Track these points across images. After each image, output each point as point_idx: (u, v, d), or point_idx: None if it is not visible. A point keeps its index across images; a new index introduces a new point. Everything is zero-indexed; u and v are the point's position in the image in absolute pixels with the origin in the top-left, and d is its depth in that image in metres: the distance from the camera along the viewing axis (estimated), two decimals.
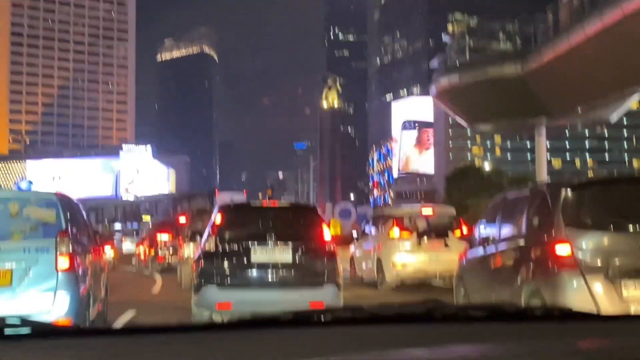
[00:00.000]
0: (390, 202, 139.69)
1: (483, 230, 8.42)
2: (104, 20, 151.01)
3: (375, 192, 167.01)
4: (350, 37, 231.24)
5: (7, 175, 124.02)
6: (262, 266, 8.42)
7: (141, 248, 23.75)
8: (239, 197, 36.91)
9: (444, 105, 35.43)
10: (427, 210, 14.95)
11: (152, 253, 22.08)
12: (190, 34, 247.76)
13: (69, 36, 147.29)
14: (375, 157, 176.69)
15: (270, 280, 8.42)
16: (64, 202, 7.05)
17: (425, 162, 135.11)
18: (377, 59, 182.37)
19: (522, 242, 6.99)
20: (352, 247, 17.43)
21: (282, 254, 8.47)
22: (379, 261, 14.40)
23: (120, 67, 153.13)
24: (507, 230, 7.52)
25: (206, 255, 8.54)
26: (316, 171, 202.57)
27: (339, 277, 8.73)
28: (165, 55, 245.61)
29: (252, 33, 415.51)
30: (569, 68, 25.68)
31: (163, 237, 21.61)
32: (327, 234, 8.99)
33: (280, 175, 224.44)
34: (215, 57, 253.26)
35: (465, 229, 13.95)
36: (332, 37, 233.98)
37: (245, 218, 9.09)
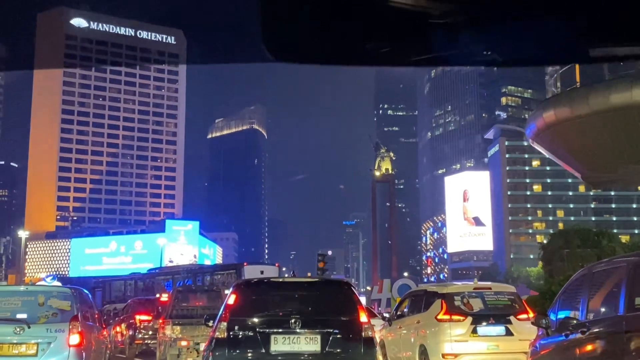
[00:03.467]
0: (445, 279, 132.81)
1: (562, 311, 7.25)
2: (154, 97, 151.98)
3: (429, 269, 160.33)
4: (400, 112, 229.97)
5: (53, 253, 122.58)
6: (284, 358, 7.17)
7: (120, 328, 21.36)
8: (271, 272, 31.78)
9: (547, 150, 28.63)
10: (483, 288, 12.48)
11: (129, 335, 20.11)
12: (241, 110, 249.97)
13: (119, 113, 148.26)
14: (429, 233, 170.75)
15: None
16: (76, 294, 9.82)
17: (482, 239, 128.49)
18: (428, 133, 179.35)
19: (619, 327, 5.83)
20: (381, 330, 14.90)
21: (308, 343, 7.20)
22: (422, 349, 12.02)
23: (169, 143, 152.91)
24: (596, 311, 6.43)
25: (217, 343, 7.28)
26: (366, 248, 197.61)
27: None
28: (215, 132, 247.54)
29: (302, 110, 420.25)
30: None
31: (142, 317, 19.82)
32: (364, 315, 7.57)
33: (330, 252, 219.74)
34: (265, 134, 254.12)
35: (530, 313, 11.73)
36: (381, 113, 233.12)
37: (265, 297, 7.71)
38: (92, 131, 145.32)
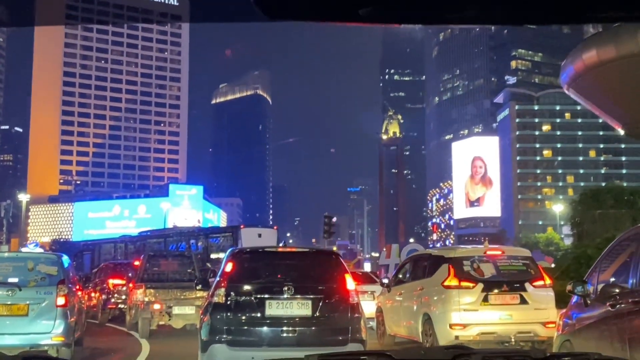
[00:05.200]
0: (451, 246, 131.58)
1: (604, 278, 6.27)
2: (156, 60, 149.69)
3: (435, 235, 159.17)
4: (406, 78, 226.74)
5: (56, 216, 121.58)
6: (278, 322, 7.69)
7: (94, 292, 21.01)
8: (269, 235, 30.02)
9: (584, 97, 25.82)
10: (495, 252, 11.24)
11: (102, 300, 19.70)
12: (245, 76, 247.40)
13: (122, 76, 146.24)
14: (435, 200, 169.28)
15: (287, 338, 7.63)
16: (62, 260, 10.85)
17: (489, 204, 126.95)
18: (436, 98, 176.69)
19: None
20: (379, 297, 14.38)
21: (300, 308, 7.75)
22: (426, 318, 10.99)
23: (172, 107, 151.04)
24: None
25: (215, 308, 7.73)
26: (370, 215, 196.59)
27: (364, 333, 7.93)
28: (219, 97, 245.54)
29: (307, 76, 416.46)
30: None
31: (115, 282, 19.64)
32: (351, 283, 8.13)
33: (334, 219, 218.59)
34: (269, 99, 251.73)
35: (547, 279, 10.88)
36: (387, 78, 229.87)
37: (260, 265, 8.29)
38: (94, 94, 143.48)
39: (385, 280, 14.22)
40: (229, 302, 7.66)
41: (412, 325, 11.57)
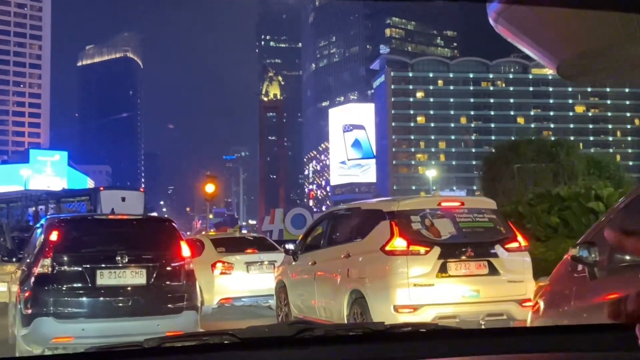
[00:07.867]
0: None
1: (607, 245, 4.56)
2: (15, 15, 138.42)
3: (311, 202, 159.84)
4: (283, 44, 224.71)
5: None
6: (110, 291, 7.31)
7: None
8: (135, 199, 26.72)
9: (516, 30, 22.76)
10: (452, 204, 8.21)
11: None
12: (114, 37, 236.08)
13: None
14: (312, 166, 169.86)
15: (120, 308, 7.31)
16: None
17: (365, 171, 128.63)
18: (312, 65, 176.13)
19: None
20: (279, 268, 10.98)
21: (134, 276, 7.39)
22: (356, 297, 7.93)
23: (33, 67, 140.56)
24: None
25: (39, 279, 7.14)
26: (246, 183, 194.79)
27: (197, 301, 7.85)
28: (85, 59, 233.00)
29: (180, 39, 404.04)
30: None
31: None
32: (186, 250, 7.85)
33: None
34: (140, 63, 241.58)
35: (521, 240, 8.01)
36: (263, 44, 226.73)
37: (89, 234, 7.89)
38: None
39: (291, 246, 11.18)
40: (55, 273, 7.21)
41: (333, 306, 8.59)
